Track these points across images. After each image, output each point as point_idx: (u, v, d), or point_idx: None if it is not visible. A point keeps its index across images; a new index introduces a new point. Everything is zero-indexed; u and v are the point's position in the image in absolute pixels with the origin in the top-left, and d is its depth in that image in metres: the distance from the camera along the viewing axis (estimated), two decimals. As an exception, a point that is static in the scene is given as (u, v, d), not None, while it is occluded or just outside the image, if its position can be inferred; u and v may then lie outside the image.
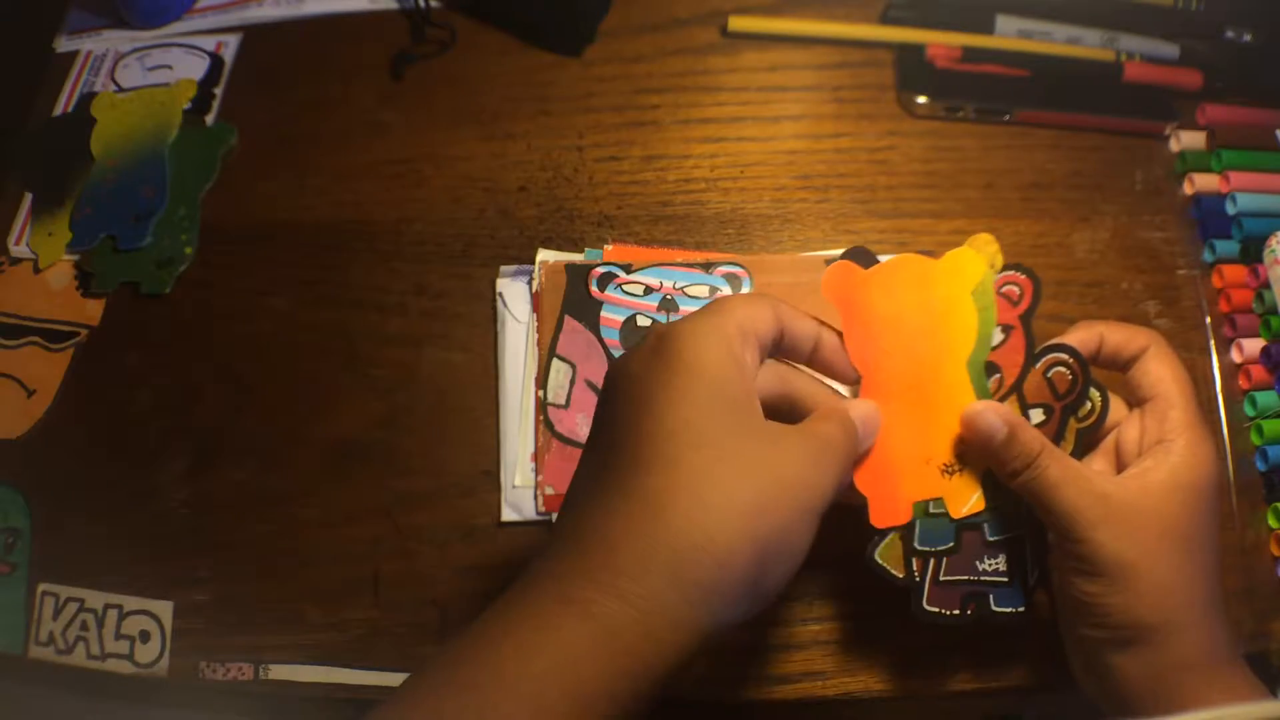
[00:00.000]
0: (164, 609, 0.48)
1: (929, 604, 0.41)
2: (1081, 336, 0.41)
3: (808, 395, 0.38)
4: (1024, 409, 0.40)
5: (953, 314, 0.40)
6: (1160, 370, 0.40)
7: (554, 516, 0.48)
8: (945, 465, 0.40)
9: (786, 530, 0.32)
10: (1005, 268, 0.40)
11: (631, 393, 0.33)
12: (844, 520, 0.48)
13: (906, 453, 0.40)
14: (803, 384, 0.38)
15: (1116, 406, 0.41)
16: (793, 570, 0.33)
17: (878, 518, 0.39)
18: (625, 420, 0.33)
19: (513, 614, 0.31)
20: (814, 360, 0.39)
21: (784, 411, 0.37)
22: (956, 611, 0.41)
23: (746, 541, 0.30)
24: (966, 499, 0.40)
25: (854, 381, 0.40)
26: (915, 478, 0.40)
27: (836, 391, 0.39)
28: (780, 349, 0.37)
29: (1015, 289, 0.40)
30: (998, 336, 0.40)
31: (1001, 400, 0.40)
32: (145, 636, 0.48)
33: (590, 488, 0.33)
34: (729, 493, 0.31)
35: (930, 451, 0.40)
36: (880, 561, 0.41)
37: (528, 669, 0.29)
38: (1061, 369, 0.40)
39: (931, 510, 0.40)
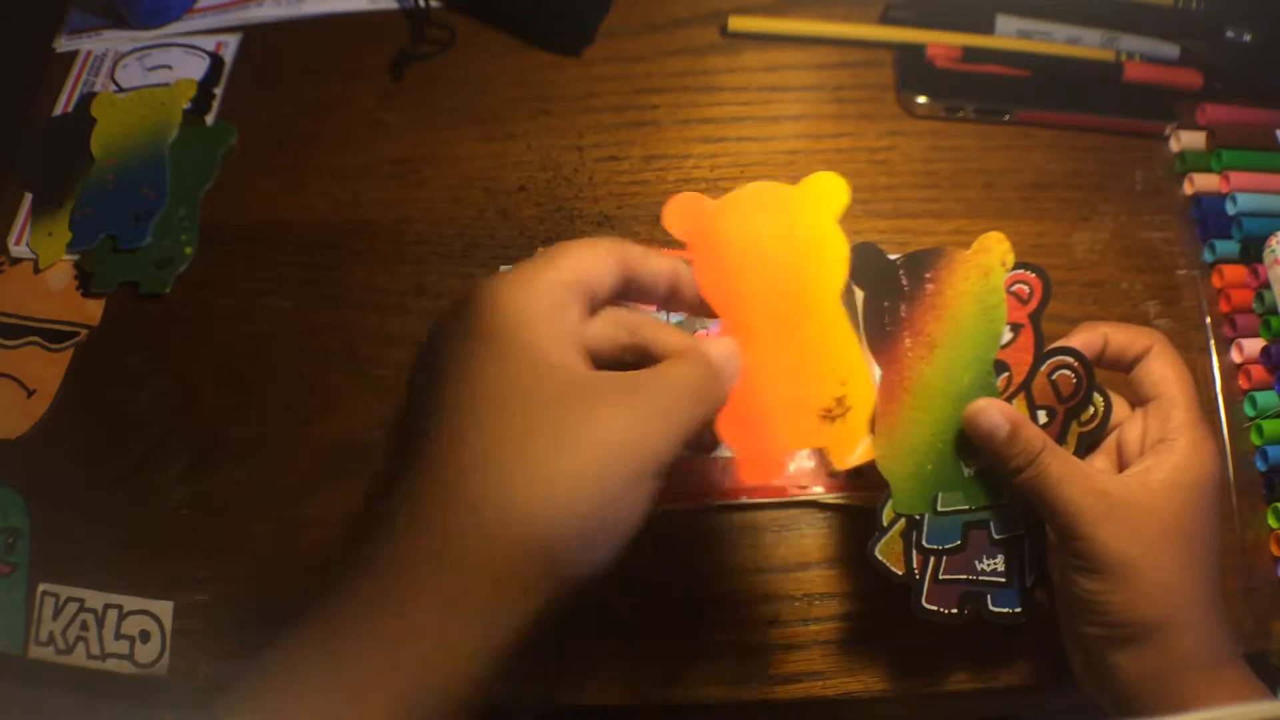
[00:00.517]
0: (164, 609, 0.48)
1: (927, 602, 0.41)
2: (1085, 338, 0.41)
3: (659, 340, 0.34)
4: (1032, 408, 0.40)
5: (818, 243, 0.37)
6: (1163, 370, 0.40)
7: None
8: (825, 410, 0.37)
9: (611, 502, 0.29)
10: (1015, 266, 0.40)
11: (435, 358, 0.30)
12: (844, 521, 0.48)
13: (777, 398, 0.36)
14: (652, 329, 0.34)
15: (1119, 407, 0.42)
16: (622, 542, 0.30)
17: (747, 472, 0.36)
18: (429, 388, 0.30)
19: (332, 616, 0.29)
20: (673, 302, 0.36)
21: (634, 364, 0.34)
22: (954, 610, 0.41)
23: (561, 520, 0.28)
24: (852, 447, 0.38)
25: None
26: (790, 426, 0.37)
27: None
28: (632, 293, 0.34)
29: (1025, 288, 0.40)
30: (1007, 335, 0.40)
31: (1010, 399, 0.40)
32: (145, 636, 0.48)
33: (397, 469, 0.30)
34: (541, 467, 0.28)
35: (805, 396, 0.37)
36: (880, 558, 0.41)
37: (350, 671, 0.27)
38: (1066, 372, 0.40)
39: (939, 509, 0.40)
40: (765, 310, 0.36)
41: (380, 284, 0.55)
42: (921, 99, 0.58)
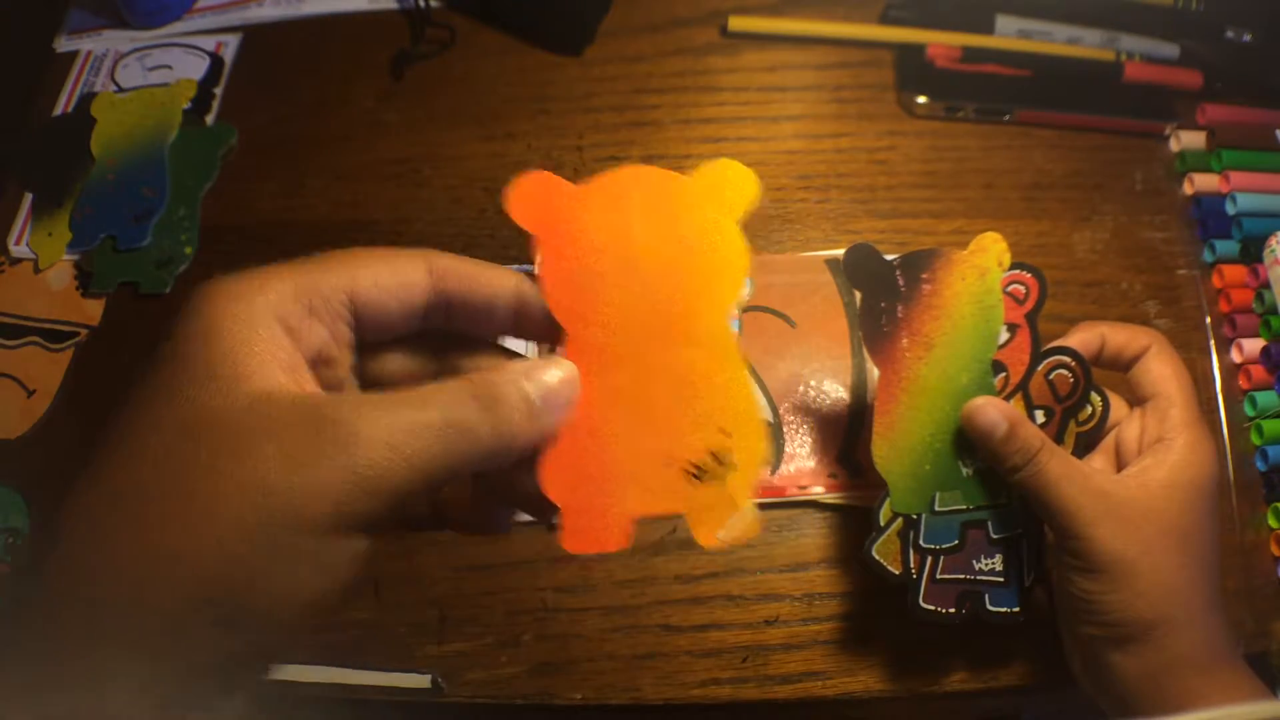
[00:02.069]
0: (164, 609, 0.48)
1: (925, 601, 0.41)
2: (1083, 338, 0.41)
3: (471, 362, 0.29)
4: (1029, 408, 0.40)
5: (711, 249, 0.29)
6: (1161, 369, 0.40)
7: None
8: (694, 466, 0.29)
9: (268, 564, 0.23)
10: (1011, 266, 0.40)
11: (146, 372, 0.25)
12: (843, 521, 0.48)
13: (630, 447, 0.28)
14: (472, 360, 0.30)
15: (1117, 406, 0.42)
16: (310, 606, 0.24)
17: (573, 540, 0.28)
18: (125, 403, 0.25)
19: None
20: (518, 328, 0.29)
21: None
22: (952, 610, 0.41)
23: (213, 577, 0.23)
24: (723, 518, 0.29)
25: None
26: (641, 484, 0.28)
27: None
28: (459, 317, 0.29)
29: (1021, 288, 0.40)
30: (1003, 335, 0.40)
31: (1007, 399, 0.40)
32: (145, 636, 0.48)
33: (82, 486, 0.25)
34: (198, 515, 0.23)
35: (670, 446, 0.28)
36: (876, 557, 0.41)
37: None
38: (1063, 371, 0.40)
39: (937, 508, 0.40)
40: (628, 328, 0.28)
41: (380, 284, 0.54)
42: (921, 99, 0.58)
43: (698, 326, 0.29)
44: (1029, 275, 0.40)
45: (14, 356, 0.54)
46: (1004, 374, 0.41)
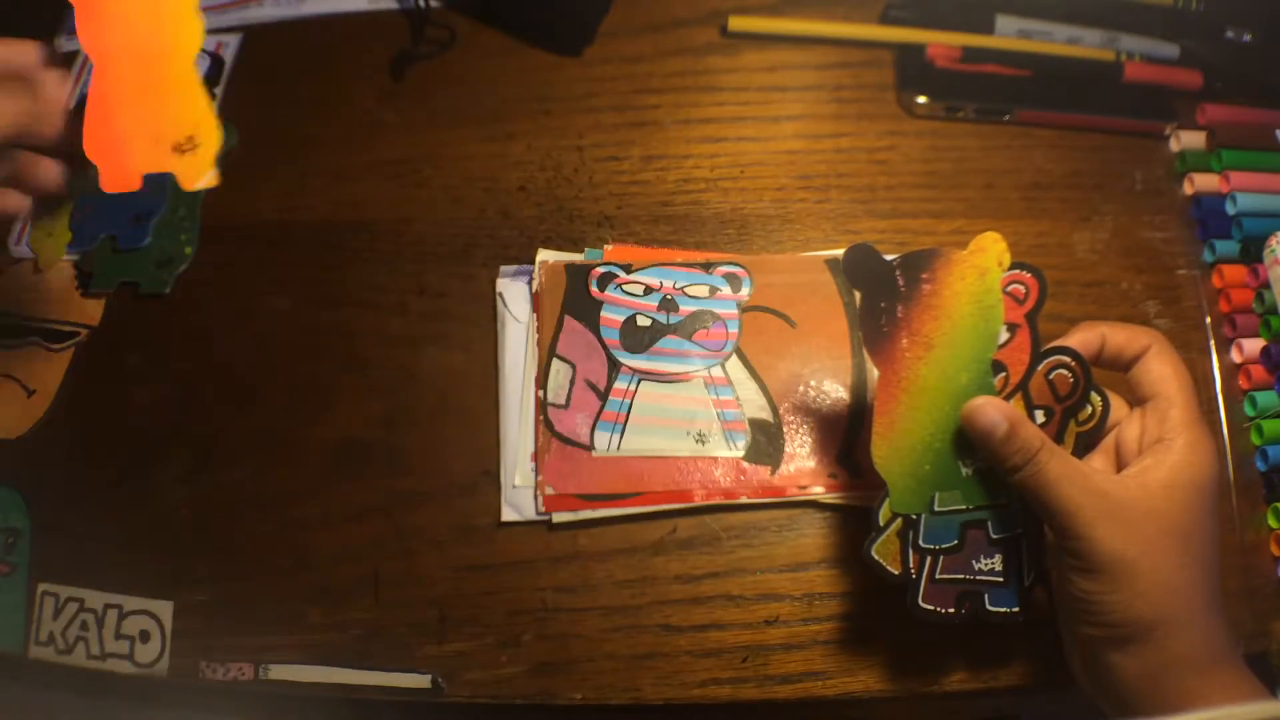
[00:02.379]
0: (164, 609, 0.48)
1: (924, 601, 0.41)
2: (1083, 338, 0.41)
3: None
4: (1029, 407, 0.40)
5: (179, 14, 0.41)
6: (1161, 369, 0.40)
7: (554, 517, 0.48)
8: (175, 145, 0.42)
9: None
10: (1011, 266, 0.40)
11: None
12: (843, 521, 0.48)
13: (136, 126, 0.41)
14: None
15: (1117, 406, 0.42)
16: None
17: (107, 181, 0.41)
18: None
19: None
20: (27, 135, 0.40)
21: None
22: (952, 610, 0.41)
23: None
24: (199, 176, 0.42)
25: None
26: (146, 150, 0.41)
27: None
28: None
29: (1021, 288, 0.40)
30: (1003, 335, 0.40)
31: (1007, 399, 0.40)
32: (145, 636, 0.48)
33: None
34: None
35: (162, 131, 0.42)
36: (876, 557, 0.41)
37: None
38: (1063, 371, 0.40)
39: (936, 509, 0.40)
40: (128, 54, 0.41)
41: (380, 284, 0.55)
42: (921, 99, 0.58)
43: (175, 51, 0.41)
44: (1029, 275, 0.40)
45: (14, 356, 0.54)
46: (1004, 374, 0.41)
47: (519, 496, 0.49)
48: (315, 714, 0.49)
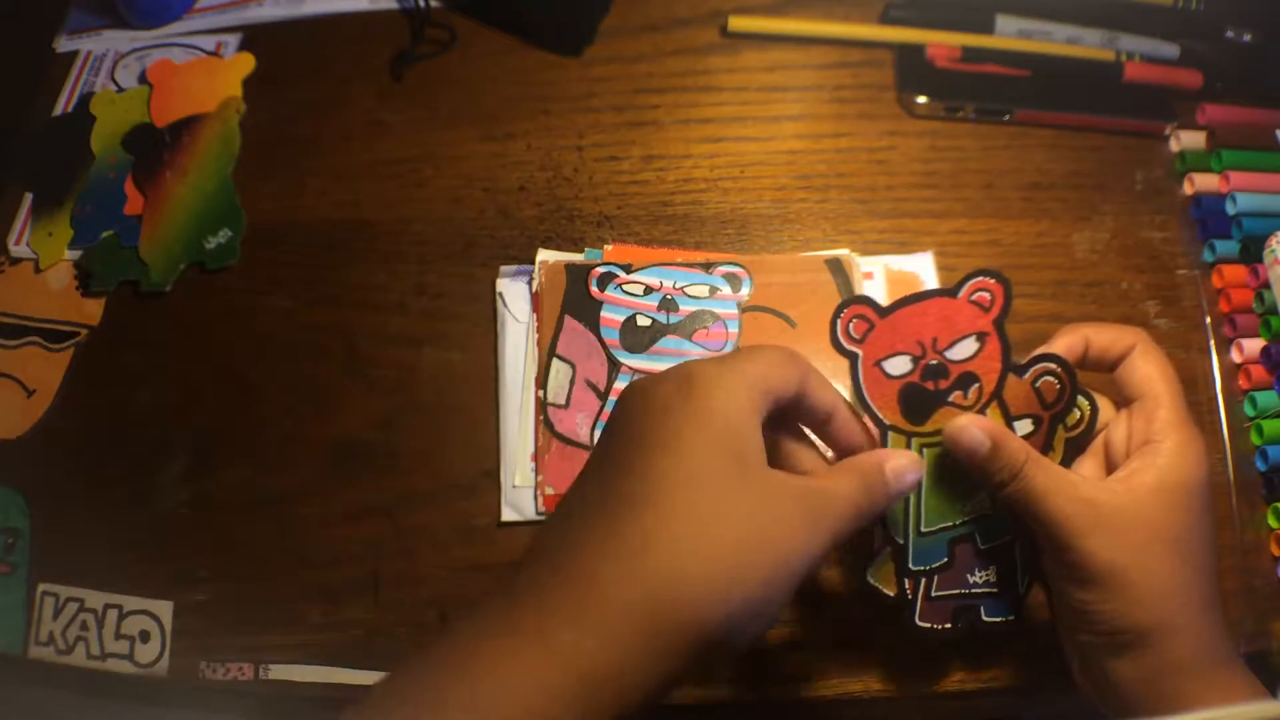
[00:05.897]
0: (164, 609, 0.48)
1: (921, 620, 0.41)
2: (1067, 342, 0.40)
3: (842, 437, 0.38)
4: (1007, 416, 0.39)
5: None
6: (1147, 369, 0.39)
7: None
8: None
9: (763, 589, 0.31)
10: (974, 274, 0.39)
11: (650, 425, 0.32)
12: (844, 520, 0.48)
13: None
14: (845, 425, 0.39)
15: (1105, 408, 0.41)
16: (765, 628, 0.32)
17: None
18: (638, 451, 0.32)
19: (483, 638, 0.30)
20: (825, 432, 0.39)
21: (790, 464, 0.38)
22: (948, 625, 0.41)
23: (722, 598, 0.30)
24: None
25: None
26: None
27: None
28: (794, 413, 0.37)
29: (986, 295, 0.38)
30: (972, 345, 0.39)
31: (983, 410, 0.39)
32: (145, 636, 0.48)
33: (585, 510, 0.32)
34: (715, 546, 0.30)
35: None
36: (873, 582, 0.41)
37: (492, 698, 0.28)
38: (1049, 378, 0.39)
39: (924, 530, 0.40)
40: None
41: (380, 284, 0.55)
42: (921, 99, 0.58)
43: None
44: (993, 282, 0.38)
45: (14, 356, 0.54)
46: (977, 385, 0.39)
47: (519, 496, 0.49)
48: (315, 714, 0.49)
